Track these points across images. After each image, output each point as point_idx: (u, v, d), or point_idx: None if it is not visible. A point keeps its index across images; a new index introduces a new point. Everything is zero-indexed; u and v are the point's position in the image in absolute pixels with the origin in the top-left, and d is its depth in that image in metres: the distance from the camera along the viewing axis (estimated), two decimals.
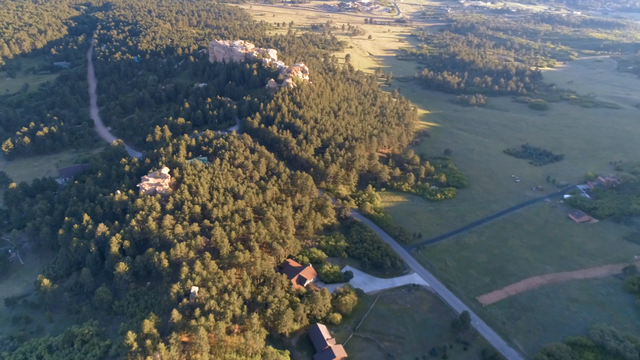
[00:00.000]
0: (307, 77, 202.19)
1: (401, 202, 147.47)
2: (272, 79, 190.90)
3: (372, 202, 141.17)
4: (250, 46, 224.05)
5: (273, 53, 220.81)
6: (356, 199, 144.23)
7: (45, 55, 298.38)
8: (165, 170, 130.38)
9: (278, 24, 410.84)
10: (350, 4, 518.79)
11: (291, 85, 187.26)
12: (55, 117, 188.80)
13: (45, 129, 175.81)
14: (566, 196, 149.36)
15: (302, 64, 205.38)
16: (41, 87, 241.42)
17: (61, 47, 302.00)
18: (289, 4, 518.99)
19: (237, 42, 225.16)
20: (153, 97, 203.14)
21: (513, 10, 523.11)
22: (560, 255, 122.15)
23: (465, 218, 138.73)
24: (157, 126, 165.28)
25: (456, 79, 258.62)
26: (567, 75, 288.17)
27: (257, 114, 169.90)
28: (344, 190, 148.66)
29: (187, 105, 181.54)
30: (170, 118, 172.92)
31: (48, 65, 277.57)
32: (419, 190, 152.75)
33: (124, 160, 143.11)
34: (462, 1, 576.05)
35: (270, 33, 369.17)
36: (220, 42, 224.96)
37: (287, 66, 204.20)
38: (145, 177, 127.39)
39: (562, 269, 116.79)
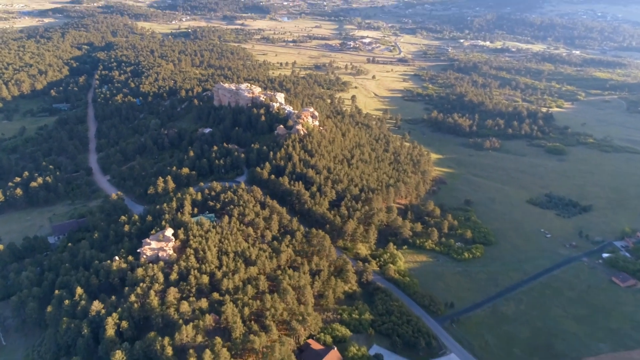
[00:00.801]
0: (316, 122, 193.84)
1: (426, 262, 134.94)
2: (281, 125, 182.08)
3: (395, 264, 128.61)
4: (257, 89, 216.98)
5: (280, 97, 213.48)
6: (377, 259, 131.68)
7: (44, 97, 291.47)
8: (169, 232, 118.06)
9: (281, 64, 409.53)
10: (351, 43, 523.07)
11: (301, 132, 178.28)
12: (51, 166, 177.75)
13: (40, 179, 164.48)
14: (605, 255, 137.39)
15: (311, 109, 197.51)
16: (39, 130, 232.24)
17: (61, 88, 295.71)
18: (291, 44, 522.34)
19: (244, 86, 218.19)
20: (155, 143, 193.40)
21: (513, 50, 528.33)
22: (612, 328, 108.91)
23: (498, 281, 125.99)
24: (160, 177, 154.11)
25: (467, 122, 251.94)
26: (578, 117, 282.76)
27: (267, 163, 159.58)
28: (363, 249, 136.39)
29: (191, 153, 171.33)
30: (174, 168, 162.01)
31: (47, 108, 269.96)
32: (444, 248, 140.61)
33: (123, 218, 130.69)
34: (462, 41, 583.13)
35: (273, 73, 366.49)
36: (226, 85, 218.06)
37: (295, 111, 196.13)
38: (147, 240, 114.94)
39: (619, 347, 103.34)
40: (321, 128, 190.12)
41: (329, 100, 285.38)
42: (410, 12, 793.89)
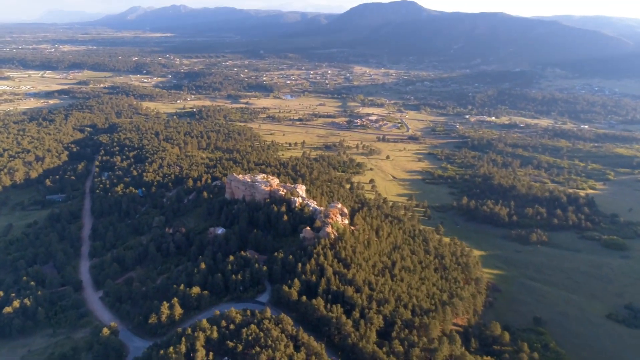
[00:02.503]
0: (346, 221, 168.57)
1: None
2: (308, 227, 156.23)
3: None
4: (275, 181, 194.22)
5: (301, 189, 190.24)
6: None
7: (39, 186, 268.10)
8: None
9: (290, 144, 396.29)
10: (358, 121, 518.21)
11: (332, 235, 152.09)
12: (32, 282, 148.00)
13: (16, 303, 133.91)
14: None
15: (339, 205, 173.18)
16: (27, 228, 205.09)
17: (57, 177, 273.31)
18: (297, 122, 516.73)
19: (259, 177, 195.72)
20: (159, 248, 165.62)
21: (522, 125, 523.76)
22: None
23: None
24: (165, 302, 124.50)
25: (504, 210, 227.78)
26: (619, 201, 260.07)
27: (296, 280, 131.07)
28: None
29: (202, 265, 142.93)
30: (182, 286, 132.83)
31: (39, 200, 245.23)
32: None
33: None
34: (467, 116, 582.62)
35: (283, 155, 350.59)
36: (240, 176, 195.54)
37: (321, 208, 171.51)
38: None
39: None
40: (352, 228, 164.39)
41: (347, 186, 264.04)
42: (410, 88, 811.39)
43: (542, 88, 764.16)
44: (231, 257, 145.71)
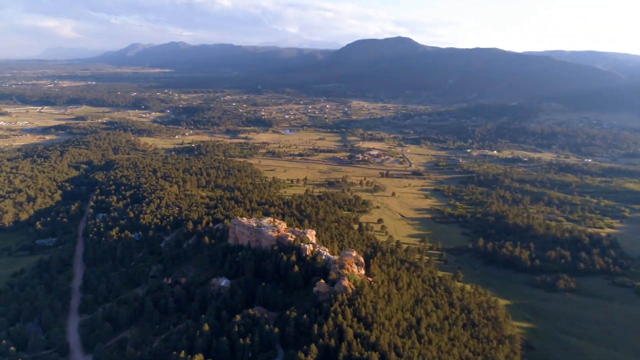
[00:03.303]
0: (362, 270, 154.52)
1: None
2: (322, 280, 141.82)
3: None
4: (282, 225, 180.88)
5: (311, 234, 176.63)
6: None
7: (29, 229, 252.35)
8: None
9: (292, 181, 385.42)
10: (360, 156, 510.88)
11: (349, 290, 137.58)
12: (12, 348, 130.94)
13: None
14: None
15: (354, 253, 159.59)
16: (12, 278, 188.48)
17: (49, 219, 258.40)
18: (298, 157, 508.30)
19: (265, 221, 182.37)
20: (156, 304, 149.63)
21: (525, 159, 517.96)
22: None
23: None
24: None
25: (525, 253, 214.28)
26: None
27: (313, 345, 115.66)
28: None
29: (206, 327, 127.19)
30: (182, 353, 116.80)
31: (28, 245, 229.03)
32: None
33: None
34: (469, 150, 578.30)
35: (286, 192, 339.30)
36: (244, 220, 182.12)
37: (335, 257, 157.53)
38: None
39: None
40: (370, 280, 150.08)
41: (356, 226, 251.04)
42: (409, 122, 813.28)
43: (540, 121, 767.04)
44: (238, 317, 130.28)
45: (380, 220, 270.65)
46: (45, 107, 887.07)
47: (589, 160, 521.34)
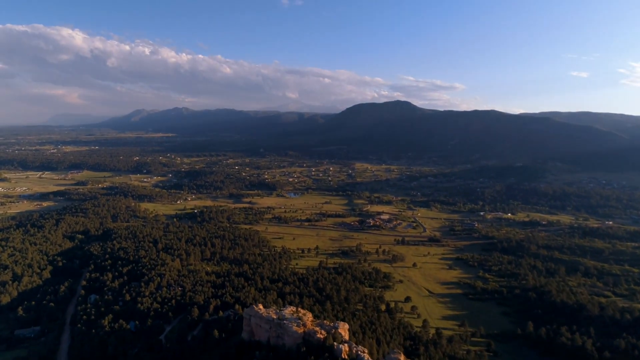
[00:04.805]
0: None
1: None
2: None
3: None
4: (308, 317, 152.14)
5: (344, 329, 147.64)
6: None
7: (9, 315, 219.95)
8: None
9: (303, 250, 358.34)
10: (371, 221, 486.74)
11: None
12: None
13: None
14: None
15: (400, 356, 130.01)
16: None
17: (34, 302, 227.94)
18: (306, 223, 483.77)
19: (288, 311, 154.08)
20: None
21: (543, 223, 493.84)
22: None
23: None
24: None
25: (588, 342, 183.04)
26: None
27: None
28: None
29: None
30: None
31: (5, 337, 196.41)
32: None
33: None
34: (482, 213, 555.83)
35: (297, 264, 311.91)
36: (262, 311, 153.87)
37: (379, 358, 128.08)
38: None
39: None
40: None
41: (383, 306, 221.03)
42: (415, 184, 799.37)
43: (549, 182, 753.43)
44: None
45: (408, 299, 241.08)
46: (46, 172, 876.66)
47: (610, 222, 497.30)
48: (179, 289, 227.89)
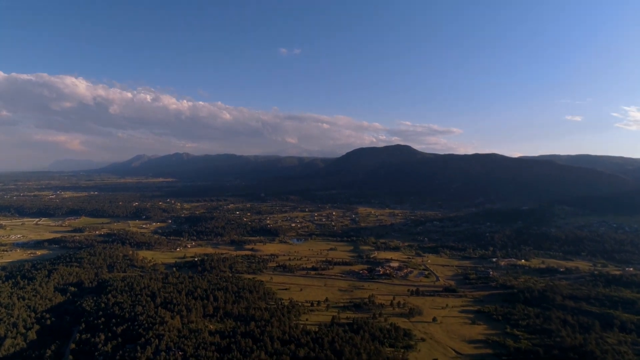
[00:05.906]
0: None
1: None
2: None
3: None
4: None
5: None
6: None
7: None
8: None
9: (312, 303, 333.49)
10: (380, 270, 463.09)
11: None
12: None
13: None
14: None
15: None
16: None
17: None
18: (312, 272, 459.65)
19: None
20: None
21: (561, 270, 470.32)
22: None
23: None
24: None
25: None
26: None
27: None
28: None
29: None
30: None
31: None
32: None
33: None
34: (495, 259, 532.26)
35: (308, 320, 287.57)
36: None
37: None
38: None
39: None
40: None
41: None
42: (421, 229, 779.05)
43: (559, 226, 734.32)
44: None
45: None
46: (43, 218, 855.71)
47: (630, 269, 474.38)
48: (180, 353, 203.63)
